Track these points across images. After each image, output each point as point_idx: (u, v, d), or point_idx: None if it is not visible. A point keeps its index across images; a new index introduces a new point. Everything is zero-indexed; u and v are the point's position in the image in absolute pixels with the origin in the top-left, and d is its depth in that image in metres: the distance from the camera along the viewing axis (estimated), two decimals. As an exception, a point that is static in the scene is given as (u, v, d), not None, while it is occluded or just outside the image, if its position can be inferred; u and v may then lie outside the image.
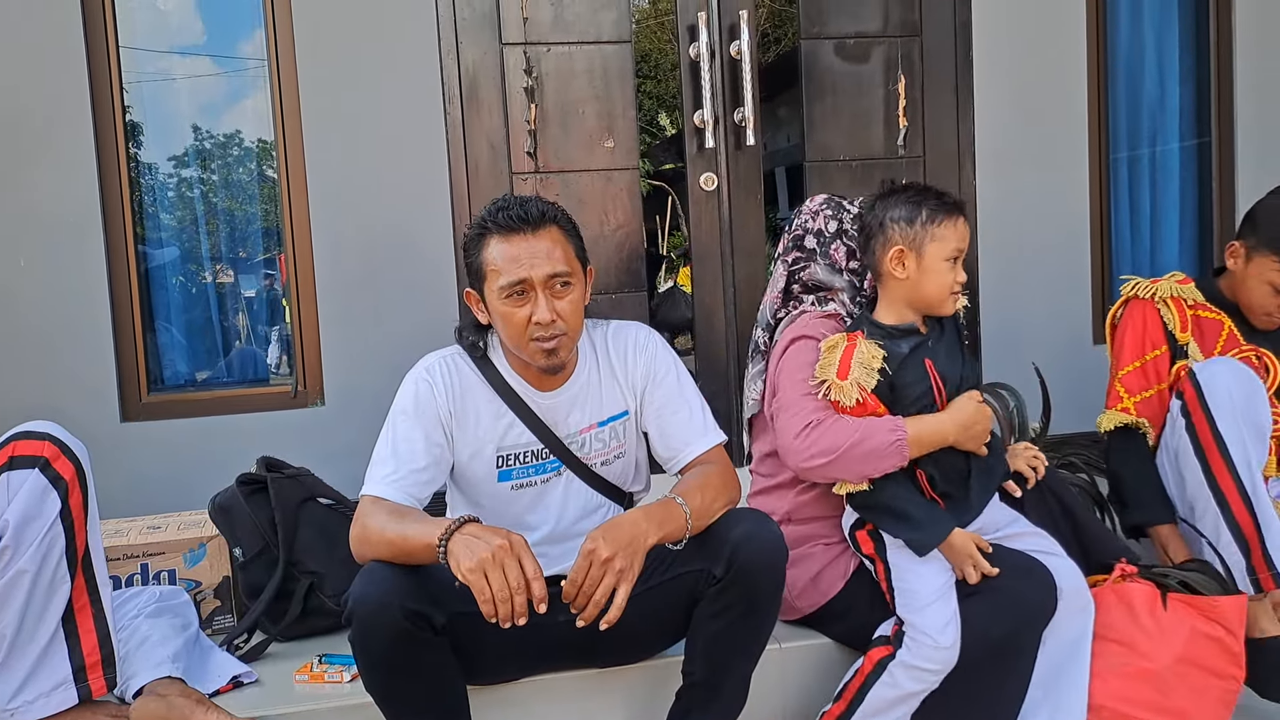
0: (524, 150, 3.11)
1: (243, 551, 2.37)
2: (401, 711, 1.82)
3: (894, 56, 3.31)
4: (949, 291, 2.03)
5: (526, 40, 3.09)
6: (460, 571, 1.63)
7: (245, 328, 3.31)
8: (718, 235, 3.23)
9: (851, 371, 1.95)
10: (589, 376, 2.04)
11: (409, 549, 1.74)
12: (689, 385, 2.09)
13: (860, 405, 1.96)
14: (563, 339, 1.90)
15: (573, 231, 1.96)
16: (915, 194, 2.04)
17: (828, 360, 2.00)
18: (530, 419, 1.99)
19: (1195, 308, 2.41)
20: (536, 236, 1.88)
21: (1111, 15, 3.57)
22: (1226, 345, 2.36)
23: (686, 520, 1.83)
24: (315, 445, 2.86)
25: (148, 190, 3.16)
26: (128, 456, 2.93)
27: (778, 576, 1.87)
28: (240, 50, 3.18)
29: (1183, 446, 2.19)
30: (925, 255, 2.00)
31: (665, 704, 2.00)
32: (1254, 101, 3.55)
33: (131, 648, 2.00)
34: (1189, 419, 2.17)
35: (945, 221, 2.00)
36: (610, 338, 2.09)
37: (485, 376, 1.99)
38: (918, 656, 1.93)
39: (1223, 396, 2.13)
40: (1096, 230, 3.51)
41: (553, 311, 1.87)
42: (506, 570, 1.61)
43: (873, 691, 1.97)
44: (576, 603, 1.72)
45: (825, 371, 1.99)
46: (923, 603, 1.95)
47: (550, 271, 1.87)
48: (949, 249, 2.01)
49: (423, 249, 3.07)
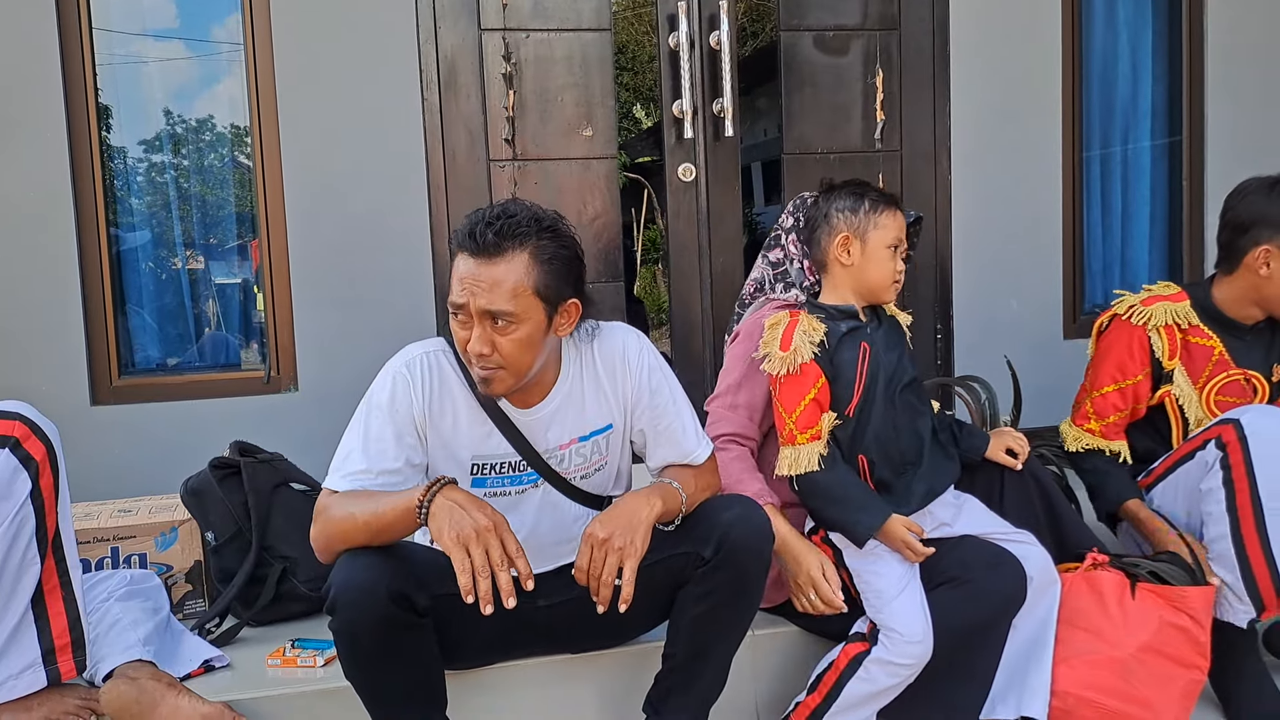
0: (502, 137, 3.10)
1: (215, 536, 2.36)
2: (382, 698, 1.80)
3: (872, 50, 3.33)
4: (890, 279, 2.13)
5: (506, 26, 3.08)
6: (441, 539, 1.60)
7: (217, 313, 3.28)
8: (695, 226, 3.24)
9: (794, 340, 2.05)
10: (571, 389, 1.95)
11: (384, 523, 1.69)
12: (680, 398, 2.03)
13: (801, 374, 2.05)
14: (499, 373, 1.78)
15: (550, 260, 1.77)
16: (856, 187, 2.16)
17: (771, 336, 2.10)
18: (509, 430, 1.92)
19: (1187, 332, 2.34)
20: (492, 263, 1.73)
21: (1087, 15, 3.61)
22: (1216, 369, 2.32)
23: (681, 500, 1.85)
24: (288, 431, 2.84)
25: (120, 174, 3.13)
26: (98, 440, 2.90)
27: (764, 560, 1.89)
28: (215, 34, 3.15)
29: (1212, 494, 2.11)
30: (869, 242, 2.11)
31: (643, 689, 2.00)
32: (1224, 101, 3.59)
33: (102, 631, 1.98)
34: (1227, 473, 2.09)
35: (886, 211, 2.12)
36: (598, 349, 1.97)
37: (467, 379, 1.90)
38: (893, 653, 1.96)
39: (1269, 460, 2.05)
40: (1069, 226, 3.55)
41: (488, 344, 1.75)
42: (489, 548, 1.60)
43: (849, 687, 1.99)
44: (590, 589, 1.74)
45: (768, 345, 2.10)
46: (888, 598, 2.00)
47: (485, 307, 1.73)
48: (890, 237, 2.11)
49: (399, 236, 3.06)
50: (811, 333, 2.07)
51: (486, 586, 1.58)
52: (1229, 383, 2.33)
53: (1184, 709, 2.04)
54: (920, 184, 3.37)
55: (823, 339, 2.07)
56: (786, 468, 2.06)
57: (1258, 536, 2.05)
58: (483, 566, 1.58)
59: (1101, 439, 2.40)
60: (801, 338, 2.06)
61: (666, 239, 3.28)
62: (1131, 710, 2.01)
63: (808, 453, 2.04)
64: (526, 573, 1.63)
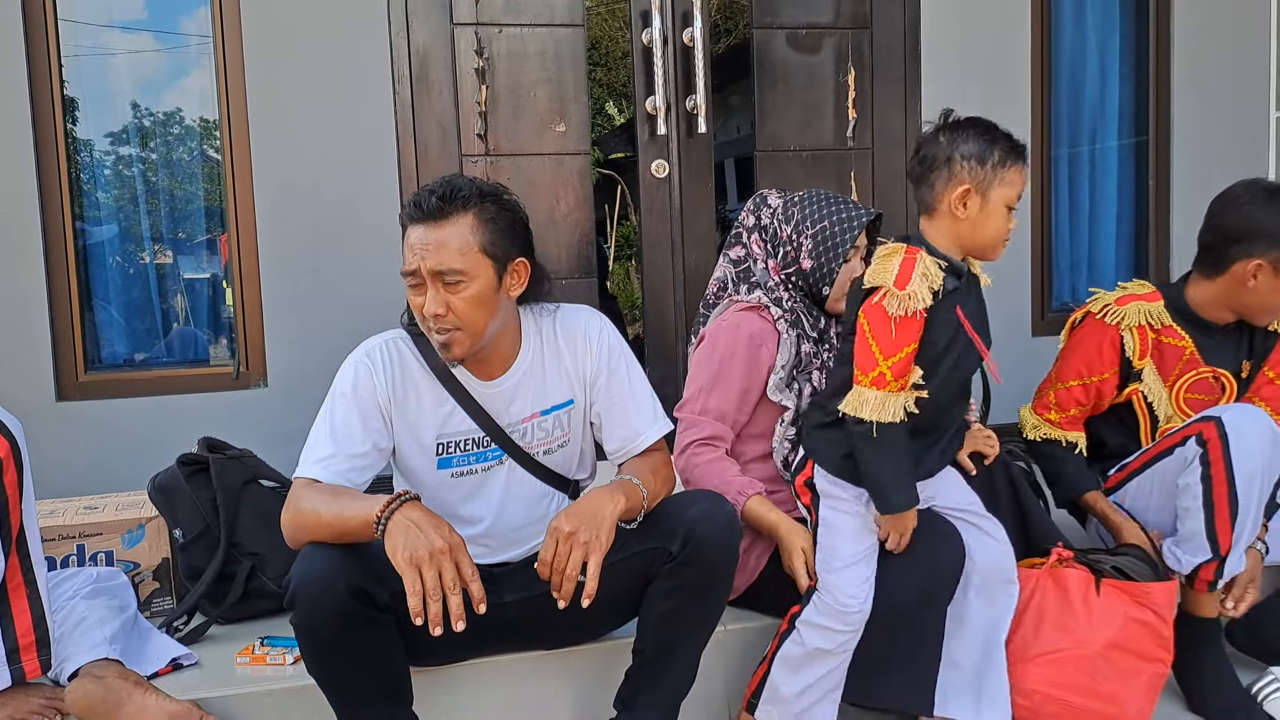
0: (474, 132, 3.09)
1: (183, 533, 2.34)
2: (345, 693, 1.80)
3: (844, 49, 3.34)
4: (1004, 238, 1.96)
5: (478, 21, 3.07)
6: (395, 560, 1.61)
7: (185, 308, 3.25)
8: (668, 222, 3.25)
9: (912, 280, 1.87)
10: (532, 364, 1.99)
11: (346, 528, 1.71)
12: (638, 376, 2.07)
13: (912, 320, 1.87)
14: (457, 334, 1.83)
15: (493, 220, 1.84)
16: (985, 131, 1.93)
17: (885, 266, 1.91)
18: (471, 406, 1.95)
19: (1160, 332, 2.36)
20: (438, 226, 1.80)
21: (1055, 15, 3.64)
22: (1186, 367, 2.35)
23: (643, 497, 1.87)
24: (258, 427, 2.82)
25: (86, 167, 3.09)
26: (64, 436, 2.87)
27: (732, 555, 1.90)
28: (184, 27, 3.11)
29: (1189, 490, 2.14)
30: (990, 199, 1.91)
31: (614, 685, 2.00)
32: (1190, 102, 3.64)
33: (67, 629, 1.95)
34: (1206, 469, 2.11)
35: (1014, 166, 1.92)
36: (559, 325, 2.02)
37: (427, 361, 1.94)
38: (823, 614, 1.96)
39: (1252, 463, 2.07)
40: (1037, 224, 3.58)
41: (442, 304, 1.80)
42: (443, 571, 1.61)
43: (783, 648, 2.01)
44: (553, 583, 1.74)
45: (880, 276, 1.90)
46: (840, 564, 1.98)
47: (435, 267, 1.79)
48: (1013, 195, 1.93)
49: (370, 231, 3.04)
50: (931, 278, 1.88)
51: (436, 610, 1.59)
52: (1198, 380, 2.36)
53: (1148, 702, 2.07)
54: (891, 182, 3.39)
55: (939, 288, 1.89)
56: (871, 412, 1.89)
57: (1231, 533, 2.09)
58: (434, 589, 1.59)
59: (1059, 429, 2.44)
60: (920, 282, 1.87)
61: (640, 235, 3.28)
62: (1097, 706, 2.03)
63: (895, 403, 1.89)
64: (480, 597, 1.64)
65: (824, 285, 2.26)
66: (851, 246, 2.23)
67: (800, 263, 2.26)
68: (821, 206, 2.27)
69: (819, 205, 2.27)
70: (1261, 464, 2.07)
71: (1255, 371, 2.38)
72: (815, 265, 2.25)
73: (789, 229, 2.28)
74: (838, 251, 2.23)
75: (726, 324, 2.25)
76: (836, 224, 2.24)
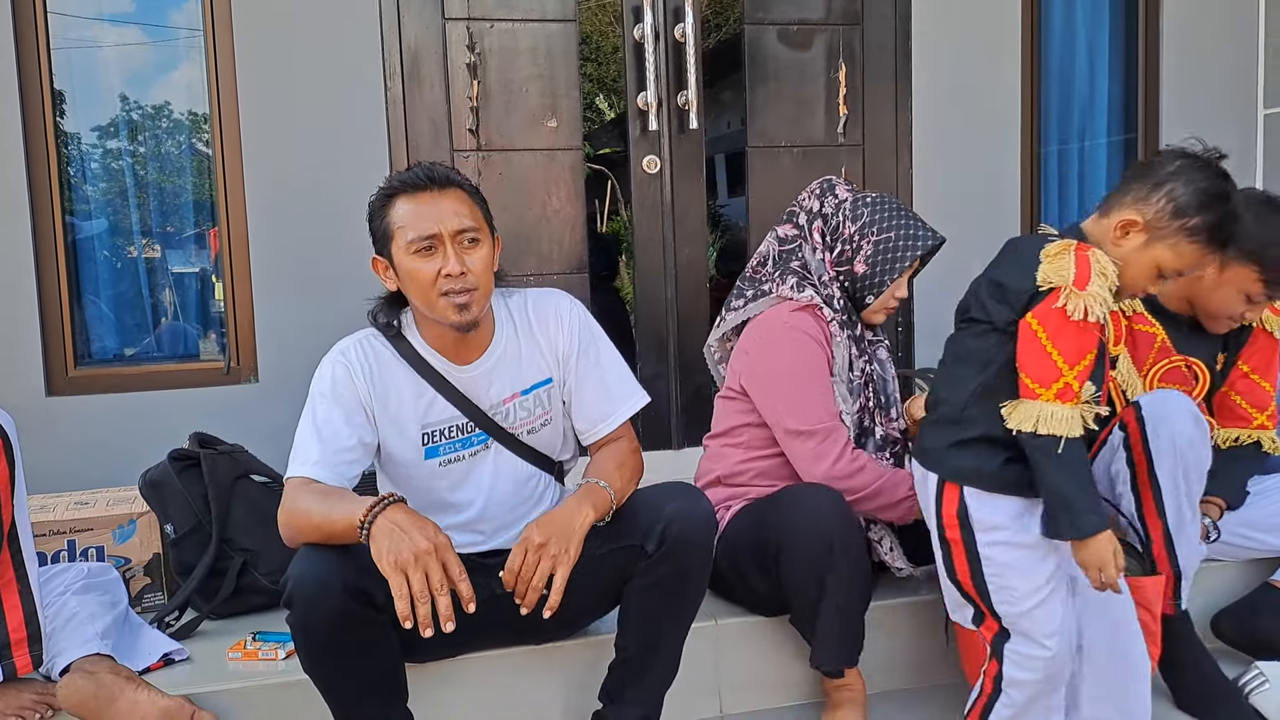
0: (466, 128, 3.09)
1: (174, 528, 2.33)
2: (341, 691, 1.80)
3: (835, 45, 3.35)
4: (1139, 290, 1.82)
5: (470, 16, 3.07)
6: (380, 564, 1.61)
7: (175, 303, 3.24)
8: (660, 218, 3.25)
9: (1090, 281, 1.68)
10: (507, 346, 2.01)
11: (333, 531, 1.72)
12: (608, 355, 2.08)
13: (1088, 329, 1.69)
14: (474, 294, 1.86)
15: (477, 196, 1.94)
16: (1212, 197, 1.73)
17: (1059, 264, 1.71)
18: (451, 393, 1.96)
19: (1132, 319, 2.38)
20: (443, 194, 1.87)
21: (1045, 12, 3.65)
22: (1159, 355, 2.36)
23: (611, 500, 1.88)
24: (249, 422, 2.81)
25: (75, 161, 3.08)
26: (54, 432, 2.85)
27: (707, 552, 1.92)
28: (173, 20, 3.10)
29: (1120, 477, 2.13)
30: (1151, 248, 1.76)
31: (598, 679, 2.02)
32: (1179, 99, 3.65)
33: (58, 624, 1.95)
34: (1130, 454, 2.11)
35: (1195, 242, 1.74)
36: (530, 306, 2.05)
37: (402, 355, 1.95)
38: (1024, 666, 1.82)
39: (1165, 443, 2.04)
40: (1027, 222, 3.59)
41: (462, 264, 1.84)
42: (429, 572, 1.60)
43: (995, 713, 1.88)
44: (518, 592, 1.76)
45: (1058, 276, 1.70)
46: (1026, 603, 1.80)
47: (458, 226, 1.85)
48: (1171, 263, 1.77)
49: (361, 226, 2.99)
50: (1109, 276, 1.70)
51: (425, 612, 1.59)
52: (1171, 369, 2.37)
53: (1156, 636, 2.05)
54: (882, 178, 3.40)
55: (1115, 287, 1.73)
56: (1055, 426, 1.68)
57: (1158, 514, 2.07)
58: (421, 592, 1.59)
59: None
60: (1099, 282, 1.69)
61: (631, 231, 3.28)
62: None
63: (1077, 415, 1.70)
64: (469, 596, 1.64)
65: (869, 294, 2.24)
66: (910, 264, 2.21)
67: (854, 265, 2.23)
68: (891, 216, 2.23)
69: (889, 214, 2.23)
70: (1182, 445, 2.03)
71: (1230, 365, 2.39)
72: (868, 272, 2.22)
73: (853, 228, 2.23)
74: (895, 265, 2.21)
75: (785, 325, 2.19)
76: (901, 238, 2.21)
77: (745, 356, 2.26)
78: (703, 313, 3.32)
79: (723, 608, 2.29)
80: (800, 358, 2.17)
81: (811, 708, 2.26)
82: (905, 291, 2.26)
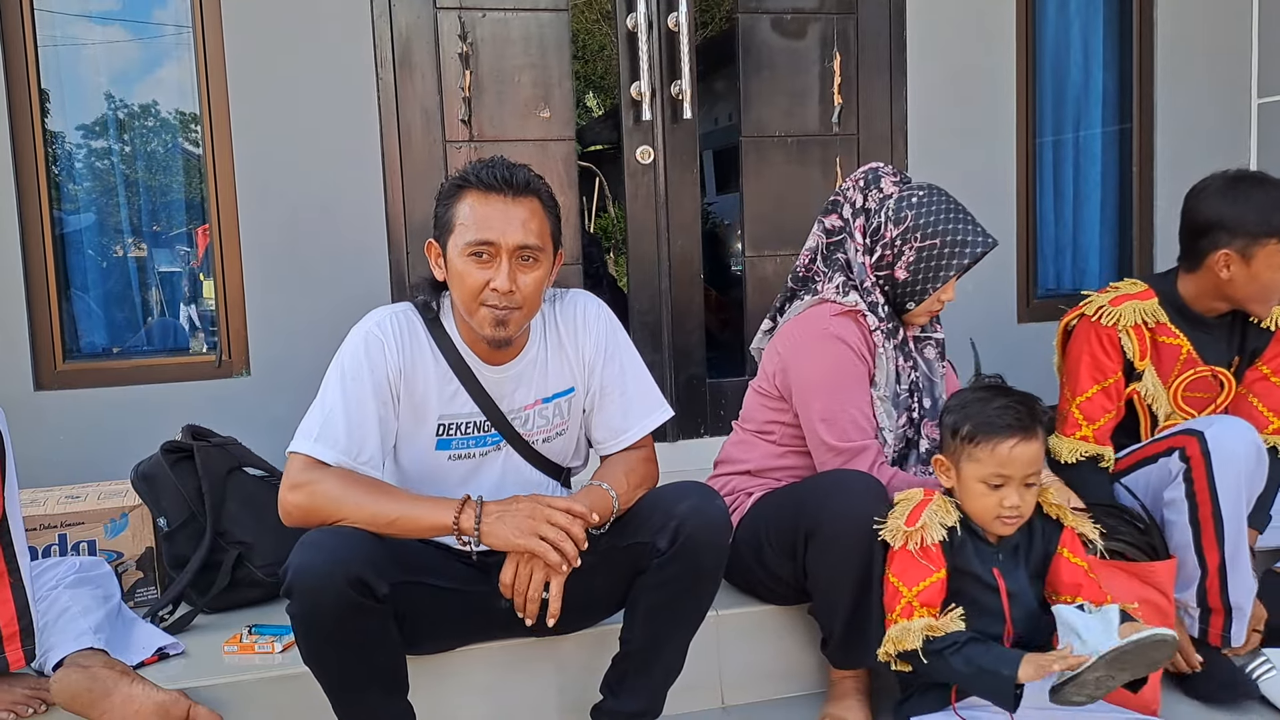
0: (458, 118, 3.06)
1: (167, 521, 2.31)
2: (342, 683, 1.78)
3: (830, 34, 3.33)
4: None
5: (461, 5, 3.04)
6: (512, 544, 1.72)
7: (163, 299, 3.21)
8: (653, 209, 3.23)
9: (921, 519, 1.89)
10: (538, 351, 1.97)
11: (410, 528, 1.76)
12: (633, 366, 2.04)
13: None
14: (516, 313, 1.82)
15: (553, 209, 1.88)
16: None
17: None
18: (476, 390, 1.93)
19: (1155, 331, 2.32)
20: (516, 203, 1.80)
21: (1039, 2, 3.64)
22: (1184, 366, 2.32)
23: (613, 506, 1.85)
24: (241, 415, 2.78)
25: (63, 158, 3.04)
26: (43, 426, 2.83)
27: (721, 552, 1.88)
28: (159, 17, 3.07)
29: (1175, 505, 2.13)
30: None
31: (601, 671, 2.00)
32: (1173, 89, 3.65)
33: (51, 619, 1.93)
34: (1190, 485, 2.10)
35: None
36: (559, 312, 2.01)
37: (435, 340, 1.91)
38: None
39: (1230, 480, 2.06)
40: (1022, 211, 3.59)
41: (512, 282, 1.79)
42: (554, 521, 1.72)
43: None
44: (516, 604, 1.76)
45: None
46: None
47: (521, 241, 1.79)
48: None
49: (353, 217, 3.01)
50: (944, 517, 1.91)
51: (572, 550, 1.72)
52: (1196, 379, 2.34)
53: (1156, 679, 2.06)
54: (877, 168, 3.39)
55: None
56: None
57: (1218, 549, 2.08)
58: (558, 537, 1.71)
59: (1096, 444, 2.32)
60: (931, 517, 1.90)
61: (625, 222, 3.26)
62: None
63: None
64: (587, 517, 1.78)
65: (910, 301, 2.14)
66: (955, 273, 2.11)
67: (894, 271, 2.12)
68: (938, 221, 2.09)
69: (935, 216, 2.10)
70: (1245, 481, 2.07)
71: (1245, 367, 2.36)
72: (910, 279, 2.12)
73: (895, 232, 2.11)
74: (939, 275, 2.10)
75: (825, 333, 2.12)
76: (946, 245, 2.09)
77: (778, 357, 2.20)
78: (696, 303, 3.30)
79: (725, 599, 2.25)
80: (838, 370, 2.09)
81: (813, 698, 2.24)
82: (952, 295, 2.15)
